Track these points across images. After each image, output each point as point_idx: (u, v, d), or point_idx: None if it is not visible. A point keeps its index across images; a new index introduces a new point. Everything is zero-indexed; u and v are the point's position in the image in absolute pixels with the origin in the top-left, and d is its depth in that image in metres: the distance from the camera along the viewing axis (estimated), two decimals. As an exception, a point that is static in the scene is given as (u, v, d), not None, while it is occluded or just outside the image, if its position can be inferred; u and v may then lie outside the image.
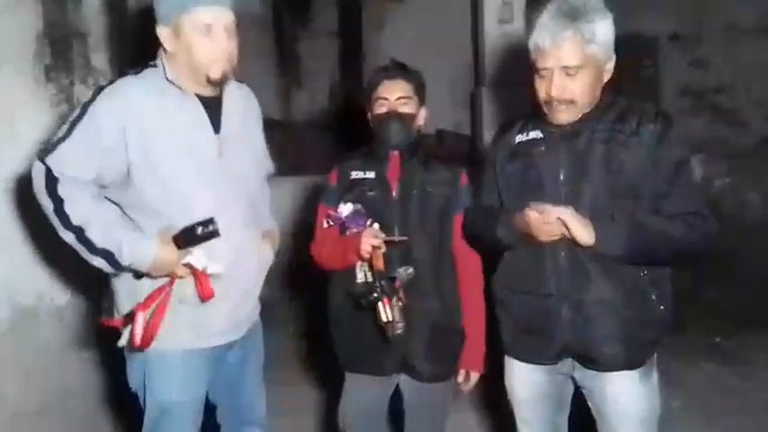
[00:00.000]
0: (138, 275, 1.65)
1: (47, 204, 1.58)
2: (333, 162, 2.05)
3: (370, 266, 1.81)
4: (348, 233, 1.86)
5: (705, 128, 5.74)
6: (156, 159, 1.60)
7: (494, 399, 2.87)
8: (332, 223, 1.92)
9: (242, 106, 1.80)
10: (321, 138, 5.27)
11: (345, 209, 1.88)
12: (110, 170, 1.60)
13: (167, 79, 1.64)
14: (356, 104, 2.71)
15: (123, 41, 2.83)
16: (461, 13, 5.42)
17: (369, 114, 2.00)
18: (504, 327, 1.82)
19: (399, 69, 1.97)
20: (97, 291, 1.80)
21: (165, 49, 1.65)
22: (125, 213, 1.66)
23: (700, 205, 1.64)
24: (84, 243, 1.58)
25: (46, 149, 1.58)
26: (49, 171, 1.57)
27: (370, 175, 1.94)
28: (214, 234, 1.60)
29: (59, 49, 2.44)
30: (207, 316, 1.69)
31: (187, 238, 1.60)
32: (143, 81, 1.64)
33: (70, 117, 1.61)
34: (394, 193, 1.92)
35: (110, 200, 1.66)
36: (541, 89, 1.64)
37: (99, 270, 1.62)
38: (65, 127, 1.59)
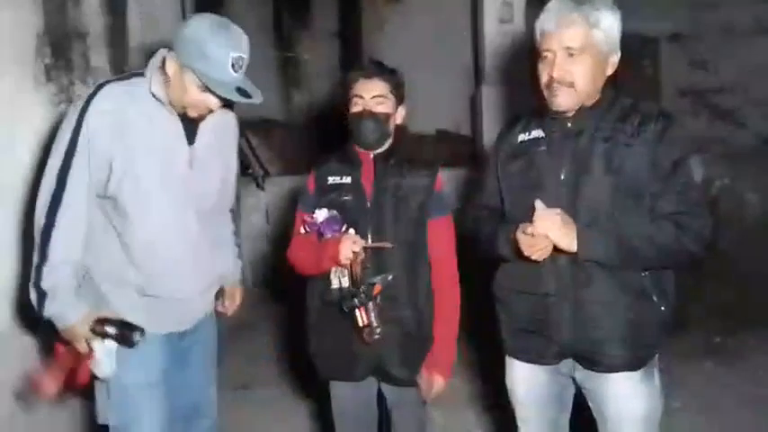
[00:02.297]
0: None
1: (39, 215, 1.68)
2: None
3: (350, 272, 1.82)
4: (323, 239, 1.86)
5: (705, 128, 5.73)
6: (132, 160, 1.68)
7: (494, 399, 2.87)
8: (308, 230, 1.92)
9: (219, 123, 1.85)
10: (321, 138, 5.27)
11: (320, 214, 1.88)
12: (103, 173, 1.68)
13: (151, 92, 1.70)
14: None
15: (123, 41, 2.82)
16: (461, 13, 5.43)
17: (346, 113, 1.98)
18: (503, 326, 1.82)
19: (376, 68, 1.95)
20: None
21: (162, 68, 1.70)
22: (106, 219, 1.74)
23: (694, 204, 1.62)
24: (36, 272, 1.67)
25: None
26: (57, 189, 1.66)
27: (347, 179, 1.93)
28: (129, 342, 1.69)
29: (59, 49, 2.43)
30: (162, 308, 1.80)
31: (105, 329, 1.70)
32: (129, 88, 1.72)
33: (67, 128, 1.67)
34: (368, 199, 1.91)
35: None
36: (543, 72, 1.65)
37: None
38: (66, 136, 1.67)
